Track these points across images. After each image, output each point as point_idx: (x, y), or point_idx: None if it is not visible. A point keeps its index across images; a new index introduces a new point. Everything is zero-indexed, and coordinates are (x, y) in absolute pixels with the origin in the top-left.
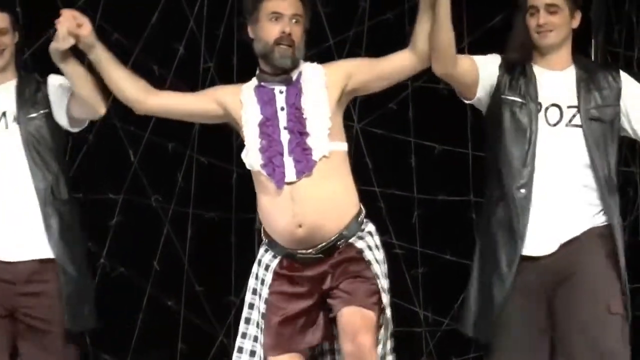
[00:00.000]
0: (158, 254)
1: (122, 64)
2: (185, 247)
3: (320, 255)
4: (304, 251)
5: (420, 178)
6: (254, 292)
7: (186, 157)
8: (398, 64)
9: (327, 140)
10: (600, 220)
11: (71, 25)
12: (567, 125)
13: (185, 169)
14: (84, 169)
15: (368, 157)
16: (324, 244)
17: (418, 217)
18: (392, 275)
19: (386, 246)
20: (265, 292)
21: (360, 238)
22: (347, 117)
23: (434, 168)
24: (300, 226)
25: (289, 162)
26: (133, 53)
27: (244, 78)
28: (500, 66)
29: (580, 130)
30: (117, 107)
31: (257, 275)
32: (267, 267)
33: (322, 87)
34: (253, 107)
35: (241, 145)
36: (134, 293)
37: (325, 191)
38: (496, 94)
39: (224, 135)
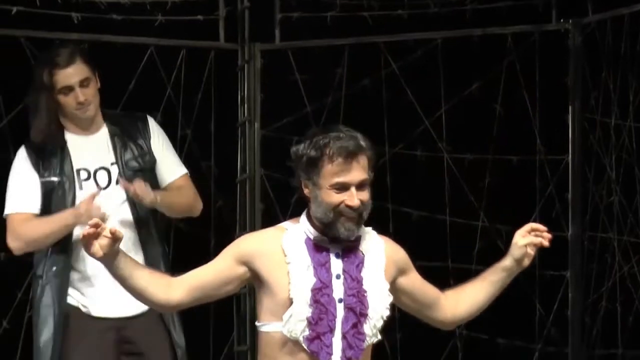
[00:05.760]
0: None
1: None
2: None
3: None
4: None
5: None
6: None
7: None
8: (431, 302)
9: (381, 325)
10: None
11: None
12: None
13: None
14: None
15: None
16: None
17: None
18: None
19: None
20: None
21: None
22: None
23: (412, 234)
24: None
25: (338, 344)
26: None
27: (220, 146)
28: None
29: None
30: None
31: None
32: None
33: (382, 264)
34: (303, 264)
35: (219, 212)
36: None
37: None
38: None
39: (202, 201)
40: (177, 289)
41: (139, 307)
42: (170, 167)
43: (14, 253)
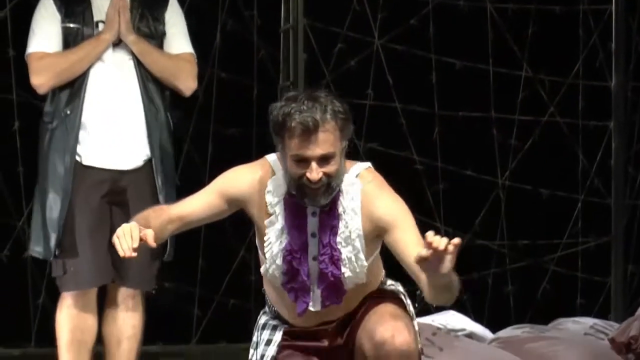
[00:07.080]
0: (179, 170)
1: None
2: (206, 163)
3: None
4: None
5: (441, 94)
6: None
7: (206, 73)
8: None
9: (364, 274)
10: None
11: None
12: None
13: (205, 84)
14: None
15: (389, 74)
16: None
17: (439, 134)
18: (413, 191)
19: (407, 162)
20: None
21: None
22: (368, 34)
23: (455, 84)
24: (320, 324)
25: (316, 295)
26: None
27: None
28: None
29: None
30: None
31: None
32: (268, 342)
33: (358, 223)
34: (279, 224)
35: (262, 61)
36: None
37: (355, 299)
38: None
39: (244, 50)
40: (170, 225)
41: (133, 163)
42: (178, 42)
43: (39, 91)
